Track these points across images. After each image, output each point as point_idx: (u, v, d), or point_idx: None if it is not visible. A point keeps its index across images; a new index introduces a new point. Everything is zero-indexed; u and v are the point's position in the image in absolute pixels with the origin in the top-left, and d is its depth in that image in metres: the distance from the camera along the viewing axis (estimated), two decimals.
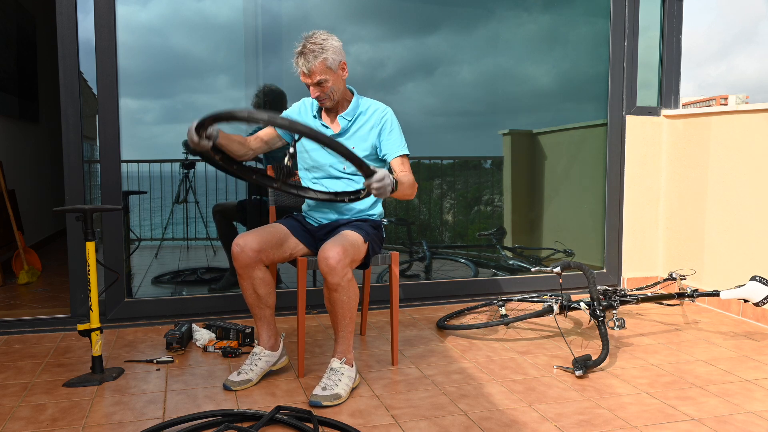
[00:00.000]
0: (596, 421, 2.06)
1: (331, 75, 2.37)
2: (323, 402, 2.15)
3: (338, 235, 2.31)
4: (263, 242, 2.33)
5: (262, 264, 2.35)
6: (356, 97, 2.52)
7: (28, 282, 4.14)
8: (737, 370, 2.52)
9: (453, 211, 3.80)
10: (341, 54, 2.40)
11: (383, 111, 2.51)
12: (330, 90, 2.39)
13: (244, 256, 2.30)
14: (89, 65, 3.02)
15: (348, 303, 2.27)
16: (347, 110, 2.49)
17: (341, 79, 2.42)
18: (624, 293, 3.04)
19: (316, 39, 2.35)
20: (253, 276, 2.34)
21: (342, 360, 2.32)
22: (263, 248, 2.33)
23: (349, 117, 2.48)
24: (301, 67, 2.35)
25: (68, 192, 3.03)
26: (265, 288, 2.38)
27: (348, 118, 2.48)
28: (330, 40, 2.37)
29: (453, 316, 3.28)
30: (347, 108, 2.50)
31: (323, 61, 2.33)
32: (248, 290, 2.37)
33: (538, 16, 3.73)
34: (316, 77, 2.35)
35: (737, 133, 3.33)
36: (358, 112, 2.50)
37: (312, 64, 2.33)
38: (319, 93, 2.39)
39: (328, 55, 2.34)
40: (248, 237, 2.32)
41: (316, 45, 2.33)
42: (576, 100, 3.85)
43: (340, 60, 2.39)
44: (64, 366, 2.59)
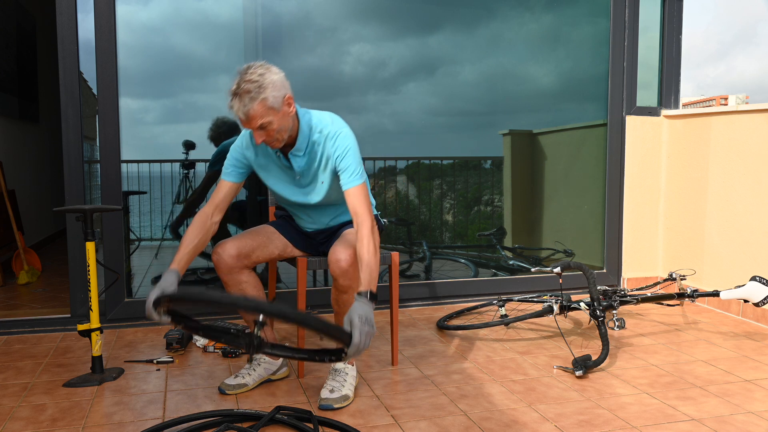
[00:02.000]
0: (596, 421, 2.06)
1: (274, 115, 2.05)
2: (335, 405, 2.14)
3: (348, 236, 2.29)
4: (242, 246, 2.30)
5: (245, 268, 2.31)
6: (303, 122, 2.19)
7: (28, 282, 4.14)
8: (737, 370, 2.52)
9: (453, 212, 3.80)
10: (284, 87, 2.08)
11: (334, 136, 2.20)
12: (277, 131, 2.09)
13: (223, 264, 2.27)
14: (89, 65, 3.02)
15: None
16: (298, 144, 2.19)
17: (288, 116, 2.10)
18: (624, 293, 3.04)
19: (251, 76, 2.02)
20: (238, 281, 2.30)
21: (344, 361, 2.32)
22: (243, 252, 2.29)
23: (300, 152, 2.20)
24: (236, 111, 2.03)
25: (68, 192, 3.04)
26: (253, 291, 2.34)
27: (300, 153, 2.21)
28: (268, 75, 2.04)
29: (453, 316, 3.28)
30: (297, 141, 2.19)
31: (262, 102, 2.02)
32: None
33: (540, 15, 3.73)
34: (257, 121, 2.04)
35: (737, 133, 3.33)
36: (311, 142, 2.21)
37: (249, 107, 2.01)
38: (265, 138, 2.10)
39: (267, 93, 2.02)
40: (226, 244, 2.28)
41: (252, 83, 2.01)
42: (576, 100, 3.85)
43: (283, 95, 2.07)
44: (64, 366, 2.59)
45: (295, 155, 2.21)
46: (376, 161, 3.60)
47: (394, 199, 3.68)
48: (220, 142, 3.30)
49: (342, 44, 3.44)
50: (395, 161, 3.65)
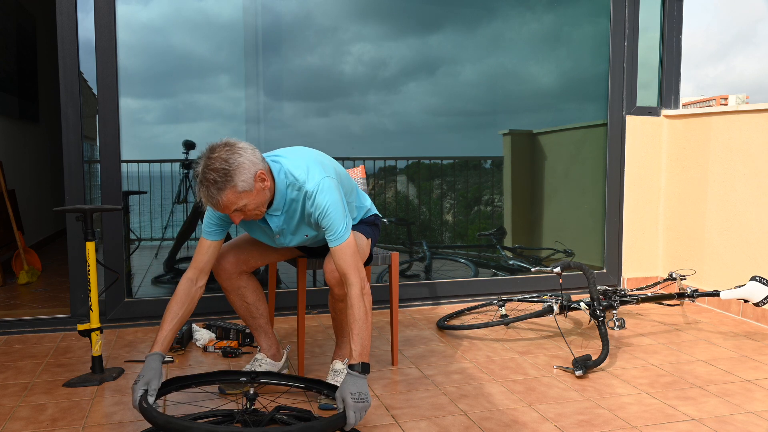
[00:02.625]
0: (596, 421, 2.06)
1: (247, 197, 1.91)
2: (334, 404, 2.14)
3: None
4: (240, 253, 2.30)
5: (244, 273, 2.32)
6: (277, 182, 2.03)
7: (28, 282, 4.14)
8: (737, 370, 2.52)
9: (453, 211, 3.80)
10: (254, 165, 1.91)
11: (312, 195, 2.02)
12: (255, 209, 1.96)
13: (222, 271, 2.28)
14: (89, 65, 3.02)
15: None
16: (274, 205, 2.05)
17: (263, 192, 1.95)
18: (624, 293, 3.04)
19: (215, 163, 1.86)
20: (237, 286, 2.31)
21: (345, 361, 2.33)
22: (241, 259, 2.30)
23: (278, 212, 2.08)
24: (206, 201, 1.91)
25: (68, 192, 3.04)
26: (254, 295, 2.34)
27: (277, 213, 2.08)
28: (234, 158, 1.87)
29: (453, 316, 3.28)
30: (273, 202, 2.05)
31: (232, 190, 1.88)
32: (237, 302, 2.35)
33: (541, 15, 3.73)
34: (231, 208, 1.92)
35: (737, 133, 3.33)
36: (288, 200, 2.07)
37: (218, 198, 1.88)
38: (243, 217, 1.98)
39: (236, 180, 1.87)
40: (224, 255, 2.28)
41: (218, 172, 1.86)
42: (577, 100, 3.85)
43: (254, 174, 1.90)
44: (64, 366, 2.59)
45: (271, 215, 2.08)
46: (376, 161, 3.60)
47: (394, 199, 3.68)
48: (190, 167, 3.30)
49: (342, 44, 3.44)
50: (395, 161, 3.65)
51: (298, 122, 3.40)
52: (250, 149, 1.94)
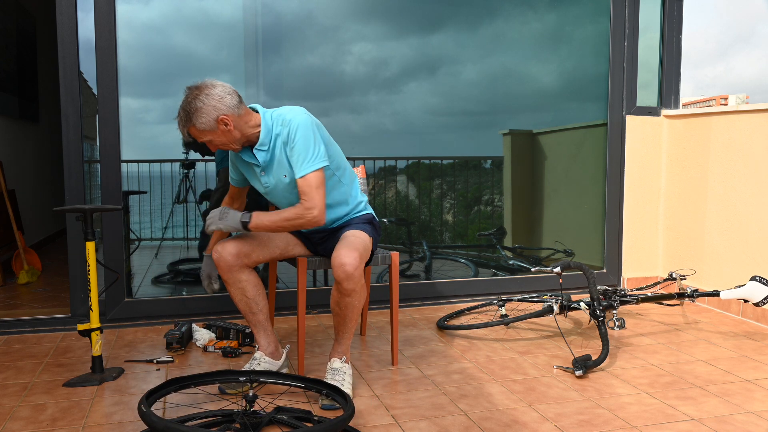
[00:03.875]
0: (596, 421, 2.06)
1: (211, 135, 2.19)
2: (337, 405, 2.14)
3: (350, 238, 2.29)
4: (241, 245, 2.32)
5: (245, 267, 2.33)
6: (264, 120, 2.26)
7: (28, 282, 4.14)
8: (737, 370, 2.52)
9: (453, 211, 3.80)
10: (215, 110, 2.15)
11: (287, 125, 2.23)
12: (223, 144, 2.23)
13: (223, 262, 2.30)
14: (89, 65, 3.02)
15: (358, 306, 2.27)
16: (260, 140, 2.25)
17: (228, 133, 2.19)
18: (624, 293, 3.04)
19: (185, 104, 2.17)
20: (238, 279, 2.33)
21: (343, 359, 2.33)
22: (242, 251, 2.31)
23: (264, 147, 2.26)
24: (182, 134, 2.24)
25: (68, 192, 3.04)
26: (254, 290, 2.36)
27: (264, 148, 2.26)
28: (198, 101, 2.15)
29: (453, 316, 3.28)
30: (260, 137, 2.26)
31: (193, 128, 2.18)
32: (237, 296, 2.36)
33: (543, 14, 3.73)
34: (200, 140, 2.23)
35: (737, 133, 3.33)
36: (273, 135, 2.26)
37: (184, 131, 2.22)
38: (216, 148, 2.26)
39: (195, 120, 2.15)
40: (226, 243, 2.32)
41: (183, 111, 2.18)
42: (577, 100, 3.85)
43: (214, 118, 2.15)
44: (64, 366, 2.59)
45: (259, 150, 2.27)
46: (376, 161, 3.60)
47: (394, 199, 3.68)
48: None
49: (343, 43, 3.44)
50: (395, 161, 3.65)
51: None
52: (219, 96, 2.16)
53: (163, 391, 1.99)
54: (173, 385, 2.03)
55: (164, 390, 1.99)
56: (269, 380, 2.19)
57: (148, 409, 1.76)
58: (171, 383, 2.02)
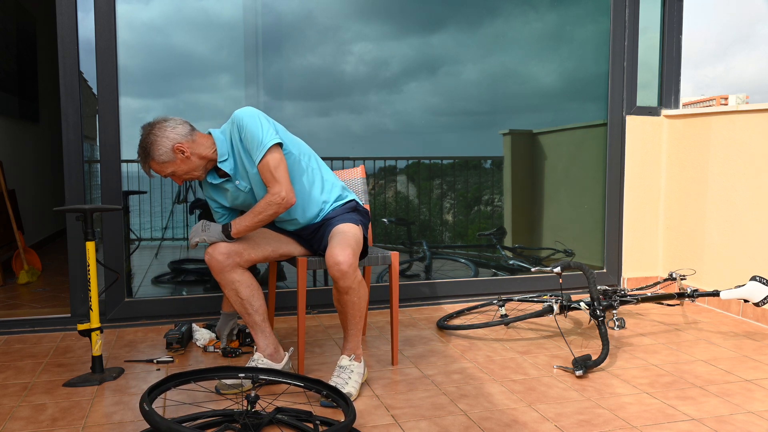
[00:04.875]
0: (596, 421, 2.06)
1: (172, 165, 2.29)
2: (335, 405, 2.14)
3: (340, 235, 2.29)
4: (232, 245, 2.32)
5: (237, 267, 2.33)
6: (215, 136, 2.34)
7: (28, 282, 4.14)
8: (737, 370, 2.52)
9: (453, 211, 3.80)
10: (169, 140, 2.26)
11: (232, 120, 2.32)
12: (186, 173, 2.31)
13: (215, 263, 2.30)
14: (89, 65, 3.02)
15: (359, 303, 2.27)
16: (219, 153, 2.33)
17: (187, 160, 2.29)
18: (624, 293, 3.04)
19: (141, 141, 2.28)
20: (231, 280, 2.33)
21: (351, 357, 2.32)
22: (233, 251, 2.31)
23: (224, 156, 2.33)
24: (146, 172, 2.33)
25: (68, 192, 3.04)
26: (247, 290, 2.35)
27: (224, 158, 2.34)
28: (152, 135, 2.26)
29: (453, 316, 3.28)
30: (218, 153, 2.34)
31: (153, 162, 2.28)
32: (231, 296, 2.36)
33: (544, 14, 3.72)
34: (163, 174, 2.31)
35: (737, 133, 3.33)
36: (228, 145, 2.34)
37: (146, 169, 2.31)
38: (181, 181, 2.34)
39: (154, 154, 2.26)
40: (217, 244, 2.32)
41: (141, 148, 2.28)
42: (577, 100, 3.85)
43: (170, 147, 2.26)
44: (64, 366, 2.59)
45: (222, 162, 2.33)
46: (376, 161, 3.60)
47: (394, 199, 3.68)
48: None
49: (344, 43, 3.44)
50: (395, 161, 3.65)
51: (299, 122, 3.40)
52: (171, 127, 2.27)
53: (163, 387, 1.98)
54: (173, 380, 2.03)
55: (164, 386, 1.99)
56: (269, 378, 2.18)
57: (150, 407, 1.76)
58: (171, 379, 2.02)
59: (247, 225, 2.28)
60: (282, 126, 2.41)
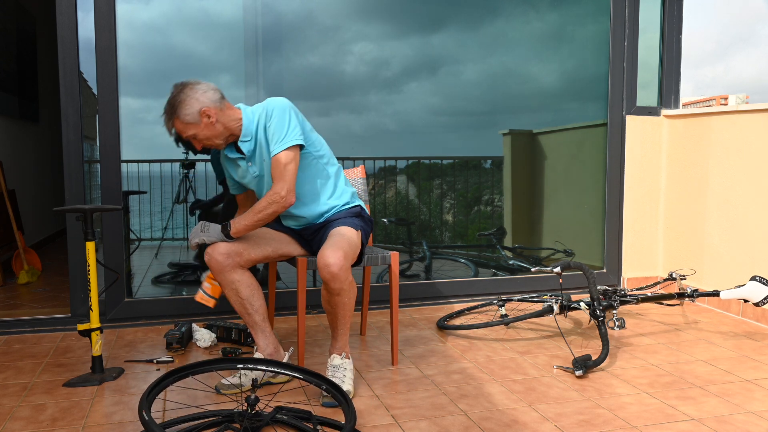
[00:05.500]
0: (596, 421, 2.06)
1: (195, 128, 2.28)
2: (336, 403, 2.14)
3: (335, 237, 2.29)
4: (232, 245, 2.32)
5: (238, 266, 2.33)
6: (245, 113, 2.35)
7: (28, 282, 4.14)
8: (737, 370, 2.52)
9: (453, 211, 3.80)
10: (199, 102, 2.25)
11: (263, 108, 2.34)
12: (206, 139, 2.31)
13: (215, 263, 2.30)
14: (89, 65, 3.02)
15: (348, 303, 2.27)
16: (242, 132, 2.34)
17: (211, 126, 2.28)
18: (624, 293, 3.04)
19: (170, 98, 2.28)
20: (231, 280, 2.32)
21: (342, 355, 2.33)
22: (233, 251, 2.31)
23: (247, 137, 2.34)
24: (167, 129, 2.32)
25: (68, 192, 3.04)
26: (247, 290, 2.35)
27: (247, 138, 2.34)
28: (182, 95, 2.26)
29: (453, 316, 3.28)
30: (242, 130, 2.34)
31: (177, 120, 2.27)
32: (231, 296, 2.36)
33: (545, 14, 3.72)
34: (183, 135, 2.30)
35: (737, 133, 3.33)
36: (254, 126, 2.35)
37: (168, 126, 2.31)
38: (201, 146, 2.33)
39: (180, 112, 2.25)
40: (217, 244, 2.32)
41: (168, 105, 2.28)
42: (577, 100, 3.85)
43: (198, 110, 2.25)
44: (64, 366, 2.59)
45: (243, 141, 2.35)
46: (376, 161, 3.60)
47: (394, 199, 3.68)
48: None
49: (344, 43, 3.44)
50: (395, 161, 3.65)
51: None
52: (203, 90, 2.27)
53: (162, 385, 1.96)
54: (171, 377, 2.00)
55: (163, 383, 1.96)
56: (266, 368, 2.17)
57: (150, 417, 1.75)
58: (169, 375, 1.99)
59: (246, 224, 2.29)
60: (310, 124, 2.44)
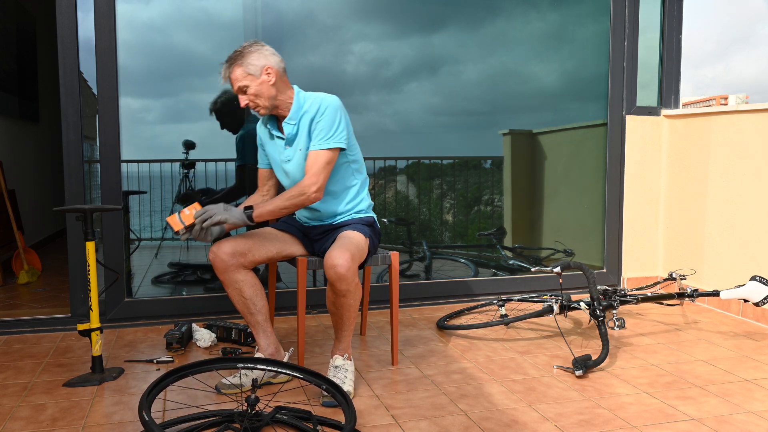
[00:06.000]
0: (596, 421, 2.06)
1: (252, 81, 2.32)
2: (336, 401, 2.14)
3: (343, 240, 2.30)
4: (237, 245, 2.32)
5: (241, 267, 2.33)
6: (298, 96, 2.41)
7: (28, 282, 4.14)
8: (737, 370, 2.52)
9: (453, 211, 3.80)
10: (266, 59, 2.34)
11: (318, 102, 2.38)
12: (256, 96, 2.34)
13: (219, 262, 2.30)
14: (89, 65, 3.02)
15: (354, 305, 2.28)
16: (290, 114, 2.39)
17: (267, 85, 2.33)
18: (624, 293, 3.04)
19: (239, 48, 2.35)
20: (234, 280, 2.33)
21: (345, 356, 2.34)
22: (238, 251, 2.31)
23: (293, 120, 2.39)
24: (223, 76, 2.37)
25: (68, 192, 3.04)
26: (250, 290, 2.35)
27: (292, 122, 2.39)
28: (252, 47, 2.34)
29: (453, 316, 3.28)
30: (291, 112, 2.40)
31: (240, 66, 2.32)
32: (234, 296, 2.36)
33: (545, 14, 3.72)
34: (237, 84, 2.34)
35: (737, 133, 3.33)
36: (302, 112, 2.39)
37: (230, 71, 2.34)
38: (247, 101, 2.35)
39: (245, 60, 2.31)
40: (222, 243, 2.32)
41: (236, 52, 2.34)
42: (577, 100, 3.85)
43: (262, 65, 2.32)
44: (64, 366, 2.59)
45: (288, 123, 2.40)
46: (376, 161, 3.60)
47: (394, 199, 3.68)
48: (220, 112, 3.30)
49: (345, 43, 3.44)
50: (395, 161, 3.65)
51: None
52: (272, 52, 2.38)
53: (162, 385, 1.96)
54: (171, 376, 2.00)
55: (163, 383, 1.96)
56: (267, 368, 2.17)
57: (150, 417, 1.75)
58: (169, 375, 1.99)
59: (270, 210, 2.29)
60: (352, 129, 2.49)
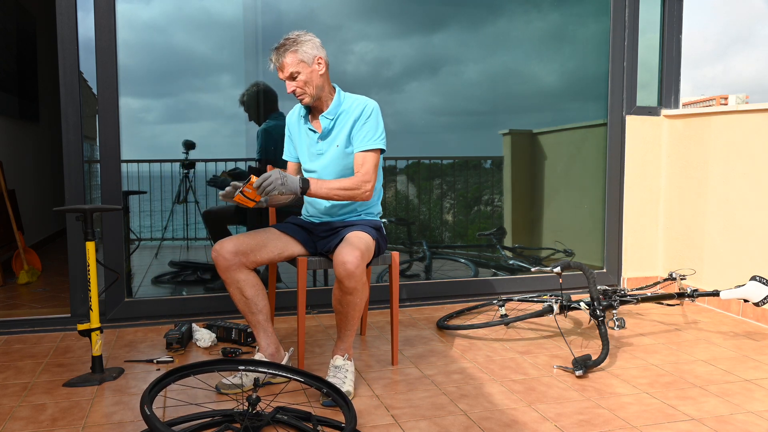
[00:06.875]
0: (596, 421, 2.06)
1: (304, 68, 2.35)
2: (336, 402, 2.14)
3: (353, 238, 2.30)
4: (240, 244, 2.32)
5: (243, 267, 2.33)
6: (339, 94, 2.47)
7: (28, 282, 4.14)
8: (737, 370, 2.52)
9: (453, 211, 3.80)
10: (318, 49, 2.39)
11: (363, 104, 2.45)
12: (305, 83, 2.37)
13: (222, 260, 2.30)
14: (89, 65, 3.02)
15: (360, 304, 2.29)
16: (329, 109, 2.44)
17: (317, 74, 2.38)
18: (624, 293, 3.04)
19: (291, 35, 2.38)
20: (236, 279, 2.33)
21: (345, 356, 2.34)
22: (241, 250, 2.32)
23: (331, 116, 2.44)
24: (275, 61, 2.38)
25: (68, 192, 3.04)
26: (252, 290, 2.35)
27: (330, 117, 2.44)
28: (306, 36, 2.38)
29: (453, 316, 3.28)
30: (330, 107, 2.45)
31: (294, 53, 2.34)
32: (236, 295, 2.36)
33: (546, 13, 3.72)
34: (288, 70, 2.35)
35: (737, 132, 3.33)
36: (341, 110, 2.45)
37: (283, 57, 2.35)
38: (294, 88, 2.37)
39: (300, 47, 2.34)
40: (225, 242, 2.32)
41: (290, 40, 2.36)
42: (577, 100, 3.85)
43: (315, 54, 2.37)
44: (64, 366, 2.59)
45: (325, 117, 2.45)
46: None
47: (394, 199, 3.68)
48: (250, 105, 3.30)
49: (345, 43, 3.44)
50: (395, 161, 3.65)
51: None
52: (321, 44, 2.42)
53: (164, 383, 1.96)
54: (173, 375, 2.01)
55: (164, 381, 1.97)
56: (268, 371, 2.17)
57: (152, 412, 1.75)
58: (171, 374, 2.00)
59: (326, 189, 2.33)
60: None
